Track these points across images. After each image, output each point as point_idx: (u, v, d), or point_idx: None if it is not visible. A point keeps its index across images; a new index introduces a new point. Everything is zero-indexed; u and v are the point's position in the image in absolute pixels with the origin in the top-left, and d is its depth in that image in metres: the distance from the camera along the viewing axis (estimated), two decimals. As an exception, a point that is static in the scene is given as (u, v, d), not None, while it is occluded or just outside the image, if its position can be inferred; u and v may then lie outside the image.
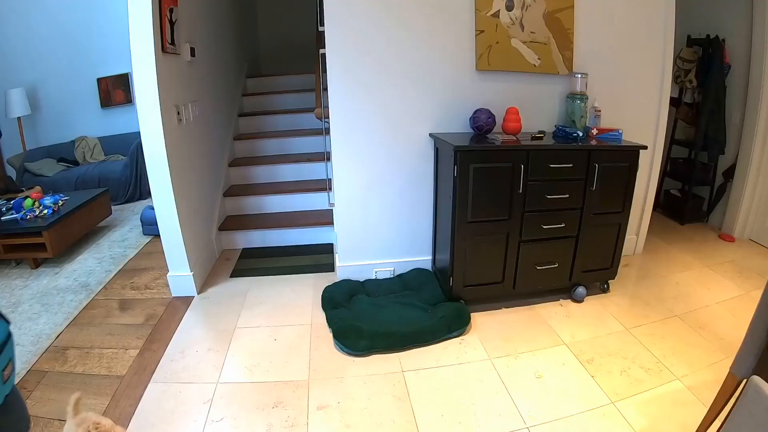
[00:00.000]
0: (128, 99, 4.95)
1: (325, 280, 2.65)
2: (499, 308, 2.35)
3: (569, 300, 2.41)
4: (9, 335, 1.14)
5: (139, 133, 2.27)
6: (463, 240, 2.17)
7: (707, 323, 2.20)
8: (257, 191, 3.43)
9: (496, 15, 2.25)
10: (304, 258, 3.00)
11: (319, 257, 3.00)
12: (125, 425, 1.63)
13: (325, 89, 2.41)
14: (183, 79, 2.56)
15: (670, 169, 3.67)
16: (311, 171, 3.59)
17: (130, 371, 1.94)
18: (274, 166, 3.61)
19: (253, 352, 2.05)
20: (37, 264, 3.02)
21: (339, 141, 2.38)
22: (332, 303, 2.34)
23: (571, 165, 2.13)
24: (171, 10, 2.30)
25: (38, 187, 3.37)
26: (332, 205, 2.67)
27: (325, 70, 2.33)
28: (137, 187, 4.53)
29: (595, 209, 2.23)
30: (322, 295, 2.43)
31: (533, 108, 2.42)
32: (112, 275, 2.87)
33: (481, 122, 2.25)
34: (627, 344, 2.05)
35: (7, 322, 1.15)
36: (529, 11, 2.27)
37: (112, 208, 3.94)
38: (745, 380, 1.14)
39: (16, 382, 1.22)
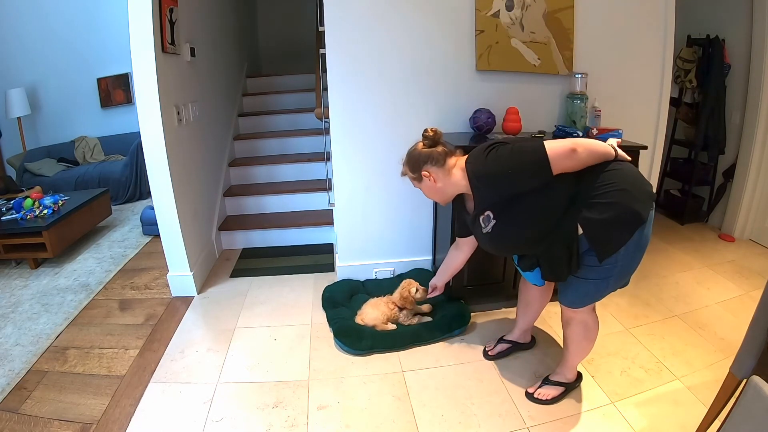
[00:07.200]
0: (128, 99, 4.96)
1: (325, 280, 2.65)
2: (499, 308, 2.35)
3: (569, 300, 2.40)
4: None
5: (139, 133, 2.27)
6: (463, 240, 2.17)
7: (707, 323, 2.20)
8: (257, 191, 3.43)
9: (496, 15, 2.25)
10: (304, 258, 3.00)
11: (319, 257, 3.00)
12: (125, 425, 1.63)
13: (325, 89, 2.41)
14: (183, 79, 2.57)
15: (670, 169, 3.67)
16: (311, 171, 3.59)
17: (130, 371, 1.94)
18: (274, 166, 3.62)
19: (253, 352, 2.05)
20: (37, 264, 3.02)
21: (339, 141, 2.37)
22: (332, 302, 2.34)
23: (571, 165, 2.12)
24: (171, 10, 2.31)
25: (38, 187, 3.37)
26: (332, 205, 2.67)
27: (325, 70, 2.33)
28: (137, 187, 4.54)
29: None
30: (323, 295, 2.44)
31: (533, 108, 2.41)
32: (112, 275, 2.87)
33: (481, 122, 2.25)
34: (627, 344, 2.05)
35: None
36: (529, 11, 2.26)
37: (112, 208, 3.94)
38: (745, 380, 1.14)
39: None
